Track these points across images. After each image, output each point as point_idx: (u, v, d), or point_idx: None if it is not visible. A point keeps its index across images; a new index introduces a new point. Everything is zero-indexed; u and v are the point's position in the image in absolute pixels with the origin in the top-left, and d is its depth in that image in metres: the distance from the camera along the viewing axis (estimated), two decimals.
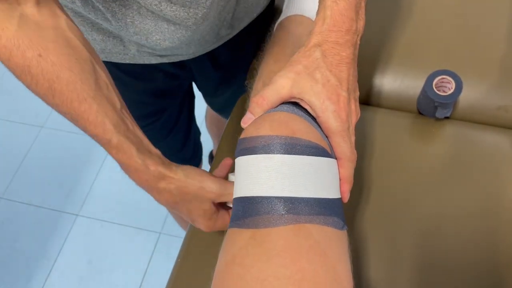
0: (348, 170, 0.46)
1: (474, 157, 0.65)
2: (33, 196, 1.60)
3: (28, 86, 0.47)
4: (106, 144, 0.51)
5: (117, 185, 1.56)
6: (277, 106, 0.46)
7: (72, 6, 0.61)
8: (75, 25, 0.49)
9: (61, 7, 0.48)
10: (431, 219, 0.59)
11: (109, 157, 0.53)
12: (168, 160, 0.56)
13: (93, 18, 0.61)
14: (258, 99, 0.46)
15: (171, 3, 0.55)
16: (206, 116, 1.30)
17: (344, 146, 0.45)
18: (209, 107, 1.07)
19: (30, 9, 0.44)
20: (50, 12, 0.46)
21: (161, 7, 0.55)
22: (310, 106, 0.45)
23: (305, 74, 0.44)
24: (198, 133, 1.05)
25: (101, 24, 0.62)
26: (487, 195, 0.61)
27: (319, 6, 0.48)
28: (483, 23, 0.77)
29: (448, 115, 0.69)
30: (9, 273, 1.46)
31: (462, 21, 0.78)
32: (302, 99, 0.45)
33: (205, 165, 1.16)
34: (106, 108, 0.49)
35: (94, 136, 0.50)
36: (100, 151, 1.87)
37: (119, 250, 1.47)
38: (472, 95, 0.70)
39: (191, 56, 0.71)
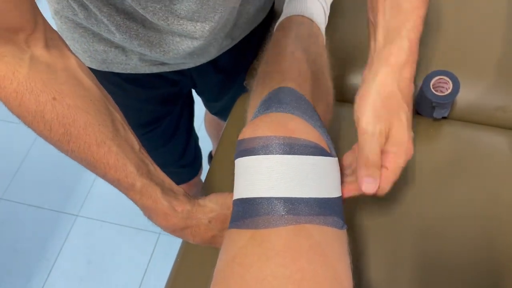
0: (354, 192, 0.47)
1: (472, 157, 0.66)
2: (33, 197, 1.60)
3: (40, 133, 0.43)
4: (128, 189, 0.47)
5: None
6: (272, 106, 0.46)
7: (74, 18, 0.60)
8: (84, 65, 0.47)
9: (68, 48, 0.46)
10: (430, 219, 0.59)
11: None
12: (190, 196, 0.53)
13: (95, 30, 0.60)
14: (367, 162, 0.44)
15: (178, 17, 0.54)
16: (205, 119, 1.30)
17: (387, 184, 0.45)
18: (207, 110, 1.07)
19: (40, 51, 0.42)
20: (60, 53, 0.44)
21: (168, 22, 0.54)
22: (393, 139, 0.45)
23: (387, 112, 0.45)
24: (196, 138, 1.04)
25: (103, 35, 0.61)
26: (485, 195, 0.61)
27: (387, 31, 0.47)
28: (480, 24, 0.77)
29: (445, 115, 0.69)
30: (9, 274, 1.46)
31: (460, 21, 0.78)
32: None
33: (204, 165, 1.16)
34: (126, 150, 0.46)
35: (115, 181, 0.47)
36: None
37: (119, 250, 1.47)
38: (469, 96, 0.71)
39: (192, 65, 0.71)
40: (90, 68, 0.50)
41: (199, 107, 1.01)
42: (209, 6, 0.54)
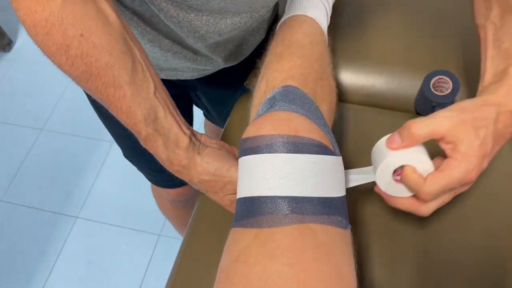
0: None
1: None
2: (33, 199, 1.60)
3: (59, 66, 0.43)
4: (135, 133, 0.50)
5: (117, 187, 1.56)
6: (276, 105, 0.46)
7: None
8: None
9: None
10: (431, 219, 0.59)
11: (109, 159, 0.52)
12: (193, 147, 0.53)
13: None
14: (412, 126, 0.44)
15: (186, 12, 0.55)
16: (205, 123, 1.30)
17: (435, 186, 0.44)
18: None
19: None
20: None
21: (178, 19, 0.55)
22: (456, 149, 0.44)
23: (471, 126, 0.43)
24: None
25: None
26: (486, 195, 0.62)
27: (494, 75, 0.49)
28: None
29: None
30: (9, 275, 1.46)
31: (460, 21, 0.78)
32: (453, 143, 0.44)
33: None
34: (140, 96, 0.47)
35: (124, 124, 0.48)
36: (100, 153, 1.86)
37: (119, 251, 1.47)
38: (469, 95, 0.71)
39: (189, 77, 0.71)
40: None
41: (197, 110, 1.02)
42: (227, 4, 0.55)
